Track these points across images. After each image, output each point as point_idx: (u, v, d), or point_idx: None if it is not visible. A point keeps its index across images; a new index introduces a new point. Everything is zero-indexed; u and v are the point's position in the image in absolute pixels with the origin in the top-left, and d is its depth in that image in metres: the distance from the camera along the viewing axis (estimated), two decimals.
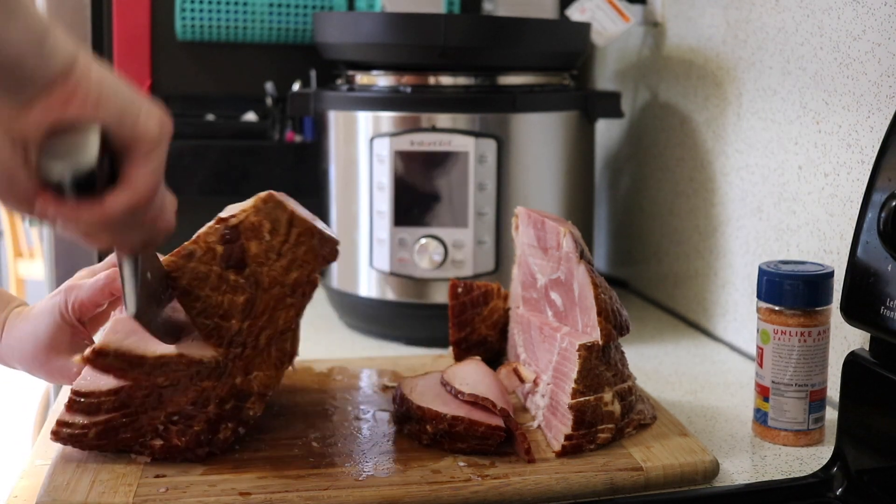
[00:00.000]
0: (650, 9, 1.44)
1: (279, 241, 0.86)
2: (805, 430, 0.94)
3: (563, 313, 0.96)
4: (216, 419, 0.85)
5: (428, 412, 0.88)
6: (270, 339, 0.86)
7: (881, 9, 0.96)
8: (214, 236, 0.85)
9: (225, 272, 0.84)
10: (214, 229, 0.85)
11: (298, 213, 0.87)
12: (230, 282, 0.84)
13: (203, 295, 0.84)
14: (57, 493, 0.78)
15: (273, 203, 0.86)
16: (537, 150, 1.24)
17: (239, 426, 0.87)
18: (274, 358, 0.87)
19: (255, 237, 0.85)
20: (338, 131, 1.28)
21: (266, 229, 0.85)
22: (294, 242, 0.86)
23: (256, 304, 0.85)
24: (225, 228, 0.85)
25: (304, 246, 0.87)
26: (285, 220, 0.86)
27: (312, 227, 0.87)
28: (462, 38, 1.21)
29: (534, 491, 0.82)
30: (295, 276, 0.87)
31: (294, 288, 0.87)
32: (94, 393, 0.83)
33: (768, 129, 1.16)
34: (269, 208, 0.86)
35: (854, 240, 0.86)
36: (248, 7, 1.46)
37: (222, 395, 0.85)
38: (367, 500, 0.80)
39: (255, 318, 0.85)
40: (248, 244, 0.85)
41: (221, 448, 0.86)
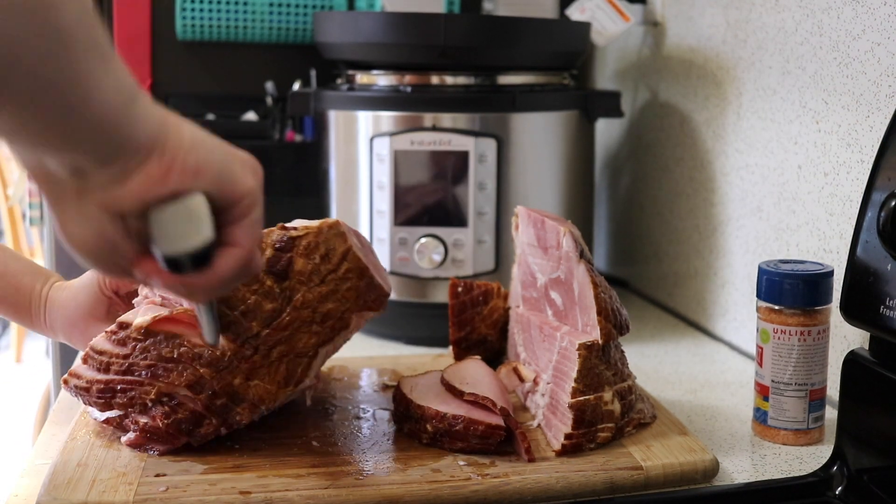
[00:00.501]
0: (650, 9, 1.44)
1: (326, 269, 0.86)
2: (805, 430, 0.94)
3: (563, 312, 0.96)
4: (202, 411, 0.85)
5: (428, 411, 0.88)
6: (283, 356, 0.86)
7: (881, 8, 0.96)
8: (269, 238, 0.86)
9: (264, 275, 0.85)
10: (272, 232, 0.86)
11: (355, 250, 0.87)
12: (265, 286, 0.85)
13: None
14: (58, 492, 0.78)
15: (336, 231, 0.87)
16: (537, 150, 1.24)
17: (222, 426, 0.87)
18: (280, 376, 0.87)
19: (306, 256, 0.85)
20: (338, 131, 1.28)
21: (319, 253, 0.86)
22: (341, 276, 0.87)
23: (281, 318, 0.85)
24: (282, 236, 0.86)
25: (349, 283, 0.87)
26: (340, 252, 0.86)
27: (364, 268, 0.87)
28: (462, 38, 1.21)
29: (533, 490, 0.82)
30: (329, 308, 0.87)
31: (325, 318, 0.87)
32: (106, 352, 0.87)
33: (768, 129, 1.16)
34: (329, 234, 0.86)
35: (854, 239, 0.86)
36: (248, 7, 1.46)
37: (216, 388, 0.85)
38: (367, 499, 0.80)
39: (276, 330, 0.85)
40: (296, 259, 0.85)
41: (199, 442, 0.86)
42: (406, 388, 0.94)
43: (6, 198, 3.74)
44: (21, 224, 3.76)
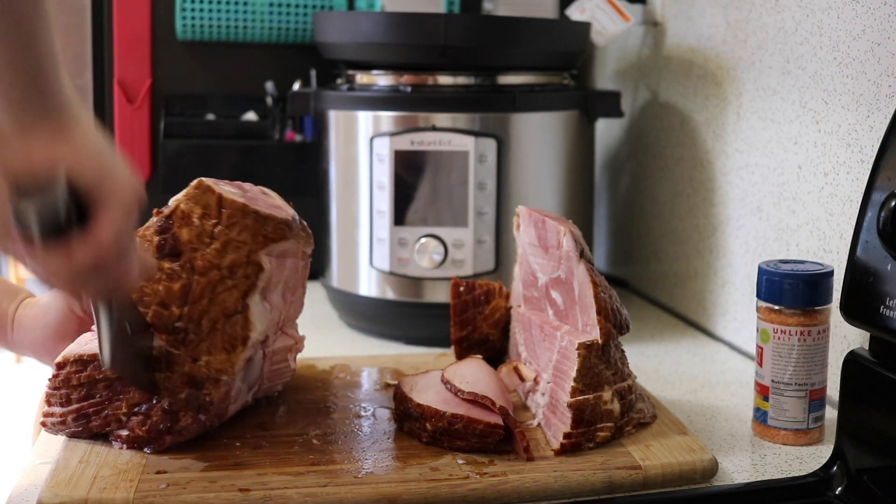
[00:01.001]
0: (650, 8, 1.44)
1: (211, 225, 0.87)
2: (805, 430, 0.94)
3: (564, 312, 0.96)
4: (172, 409, 0.86)
5: (427, 410, 0.88)
6: (214, 322, 0.86)
7: (881, 8, 0.96)
8: (152, 228, 0.87)
9: (160, 262, 0.86)
10: (153, 221, 0.88)
11: (227, 195, 0.88)
12: (164, 270, 0.86)
13: (138, 286, 0.85)
14: (59, 489, 0.78)
15: (203, 188, 0.88)
16: (537, 150, 1.24)
17: (199, 413, 0.87)
18: (223, 342, 0.87)
19: (186, 224, 0.87)
20: (338, 131, 1.28)
21: (196, 215, 0.87)
22: (226, 224, 0.87)
23: (193, 290, 0.86)
24: (160, 220, 0.87)
25: (238, 227, 0.87)
26: (214, 204, 0.87)
27: (244, 206, 0.88)
28: (462, 38, 1.21)
29: (532, 489, 0.82)
30: (231, 258, 0.87)
31: (232, 270, 0.87)
32: (59, 389, 0.88)
33: (768, 129, 1.16)
34: (198, 194, 0.87)
35: (854, 239, 0.86)
36: (248, 7, 1.46)
37: (173, 385, 0.85)
38: (366, 498, 0.80)
39: (194, 303, 0.86)
40: (179, 232, 0.87)
41: (188, 436, 0.87)
42: (406, 386, 0.94)
43: None
44: None
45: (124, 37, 1.48)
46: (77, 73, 1.48)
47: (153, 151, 1.50)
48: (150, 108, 1.50)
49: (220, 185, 0.89)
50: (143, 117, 1.49)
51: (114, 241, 0.68)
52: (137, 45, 1.48)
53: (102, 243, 0.67)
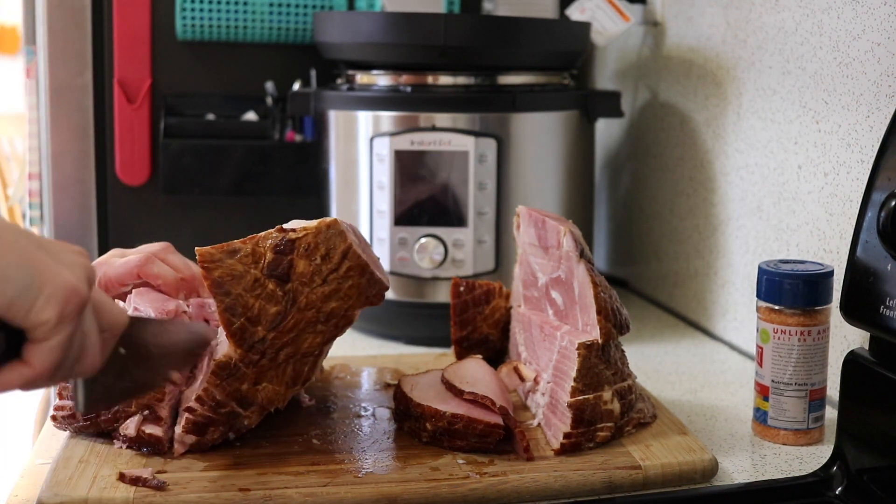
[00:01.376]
0: (650, 8, 1.44)
1: (328, 269, 0.86)
2: (805, 430, 0.94)
3: (564, 312, 0.96)
4: (202, 420, 0.85)
5: (427, 410, 0.88)
6: (290, 357, 0.87)
7: (881, 8, 0.96)
8: (268, 242, 0.85)
9: (266, 279, 0.84)
10: (271, 236, 0.86)
11: (355, 247, 0.87)
12: (267, 289, 0.84)
13: (234, 293, 0.84)
14: (59, 489, 0.78)
15: (335, 231, 0.86)
16: (537, 150, 1.24)
17: (230, 431, 0.87)
18: (288, 377, 0.87)
19: (307, 257, 0.85)
20: (338, 131, 1.28)
21: (320, 253, 0.85)
22: (342, 275, 0.86)
23: (287, 320, 0.85)
24: (281, 239, 0.85)
25: (351, 281, 0.87)
26: (340, 251, 0.86)
27: (365, 265, 0.88)
28: (462, 38, 1.21)
29: (532, 489, 0.82)
30: (333, 307, 0.87)
31: (329, 317, 0.87)
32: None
33: (768, 129, 1.16)
34: (329, 234, 0.86)
35: (854, 239, 0.86)
36: (248, 7, 1.46)
37: (221, 397, 0.85)
38: (366, 497, 0.80)
39: (282, 333, 0.85)
40: (297, 261, 0.85)
41: (203, 448, 0.86)
42: (406, 386, 0.94)
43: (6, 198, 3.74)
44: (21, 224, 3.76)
45: (124, 37, 1.47)
46: (77, 73, 1.48)
47: (153, 151, 1.50)
48: (150, 108, 1.49)
49: (349, 234, 0.88)
50: (143, 117, 1.49)
51: (47, 364, 0.63)
52: (137, 45, 1.48)
53: (35, 368, 0.63)
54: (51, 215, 1.51)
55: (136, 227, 1.52)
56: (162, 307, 0.90)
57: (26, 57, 1.57)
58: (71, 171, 1.49)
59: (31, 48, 1.56)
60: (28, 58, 1.57)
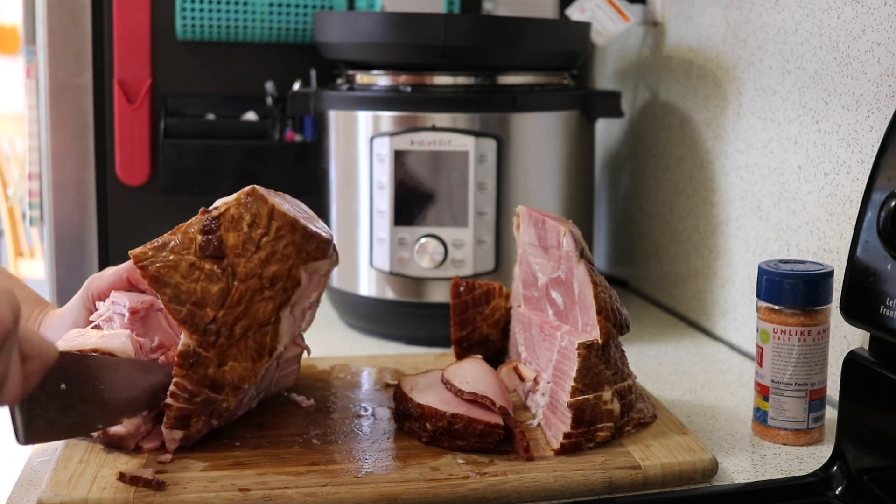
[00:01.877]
0: (650, 8, 1.44)
1: (258, 234, 0.87)
2: (805, 430, 0.94)
3: (564, 312, 0.96)
4: (183, 414, 0.85)
5: (427, 410, 0.88)
6: (247, 330, 0.87)
7: (881, 8, 0.96)
8: (196, 226, 0.87)
9: (201, 261, 0.86)
10: (198, 220, 0.87)
11: (280, 207, 0.88)
12: (205, 270, 0.86)
13: (173, 282, 0.85)
14: (59, 489, 0.78)
15: (255, 196, 0.88)
16: (537, 150, 1.24)
17: (212, 417, 0.87)
18: (251, 350, 0.87)
19: (235, 229, 0.87)
20: (338, 131, 1.28)
21: (246, 222, 0.87)
22: (274, 236, 0.87)
23: (232, 294, 0.86)
24: (207, 219, 0.87)
25: (285, 240, 0.87)
26: (266, 214, 0.87)
27: (294, 221, 0.88)
28: (462, 38, 1.21)
29: (532, 489, 0.82)
30: (274, 270, 0.87)
31: (273, 281, 0.87)
32: None
33: (768, 129, 1.16)
34: (250, 201, 0.88)
35: (854, 239, 0.86)
36: (248, 7, 1.46)
37: (191, 387, 0.85)
38: (366, 497, 0.80)
39: (231, 308, 0.86)
40: (226, 235, 0.87)
41: (193, 440, 0.87)
42: (406, 386, 0.94)
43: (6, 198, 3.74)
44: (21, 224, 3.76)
45: (124, 37, 1.47)
46: (77, 73, 1.48)
47: (153, 151, 1.50)
48: (150, 108, 1.50)
49: (271, 196, 0.89)
50: (143, 117, 1.49)
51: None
52: (137, 45, 1.48)
53: None
54: (51, 215, 1.51)
55: (136, 227, 1.52)
56: (138, 300, 0.91)
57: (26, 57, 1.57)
58: (71, 171, 1.49)
59: (31, 48, 1.56)
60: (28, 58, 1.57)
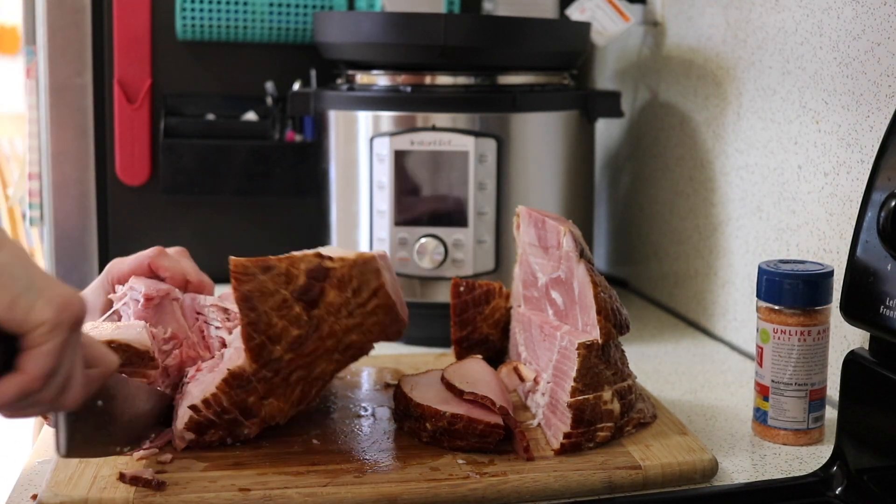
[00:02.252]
0: (650, 9, 1.44)
1: (356, 303, 0.86)
2: (805, 430, 0.94)
3: (564, 312, 0.96)
4: (208, 424, 0.86)
5: (427, 410, 0.88)
6: (301, 379, 0.87)
7: (881, 8, 0.96)
8: (305, 265, 0.85)
9: (294, 301, 0.84)
10: (308, 260, 0.85)
11: (387, 287, 0.88)
12: (293, 312, 0.84)
13: (261, 309, 0.84)
14: (59, 489, 0.78)
15: (371, 267, 0.86)
16: (537, 150, 1.24)
17: (228, 436, 0.87)
18: (295, 396, 0.88)
19: (339, 288, 0.85)
20: (338, 131, 1.28)
21: (352, 287, 0.85)
22: (369, 311, 0.87)
23: (306, 344, 0.85)
24: (317, 265, 0.85)
25: (375, 318, 0.87)
26: (372, 288, 0.87)
27: (392, 305, 0.88)
28: (462, 38, 1.21)
29: (532, 489, 0.82)
30: (353, 339, 0.87)
31: (347, 348, 0.88)
32: None
33: (768, 129, 1.16)
34: (365, 270, 0.86)
35: (854, 239, 0.86)
36: (248, 7, 1.46)
37: (227, 403, 0.85)
38: (366, 497, 0.80)
39: (299, 356, 0.85)
40: (328, 290, 0.85)
41: (201, 448, 0.87)
42: (406, 386, 0.94)
43: (6, 198, 3.73)
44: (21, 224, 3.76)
45: (124, 37, 1.48)
46: (77, 73, 1.48)
47: (153, 151, 1.50)
48: (150, 108, 1.50)
49: (384, 273, 0.88)
50: (143, 117, 1.49)
51: (42, 372, 0.65)
52: (137, 45, 1.48)
53: (28, 376, 0.65)
54: (51, 215, 1.51)
55: (136, 227, 1.52)
56: (154, 288, 0.92)
57: (26, 57, 1.57)
58: (71, 171, 1.49)
59: (31, 48, 1.56)
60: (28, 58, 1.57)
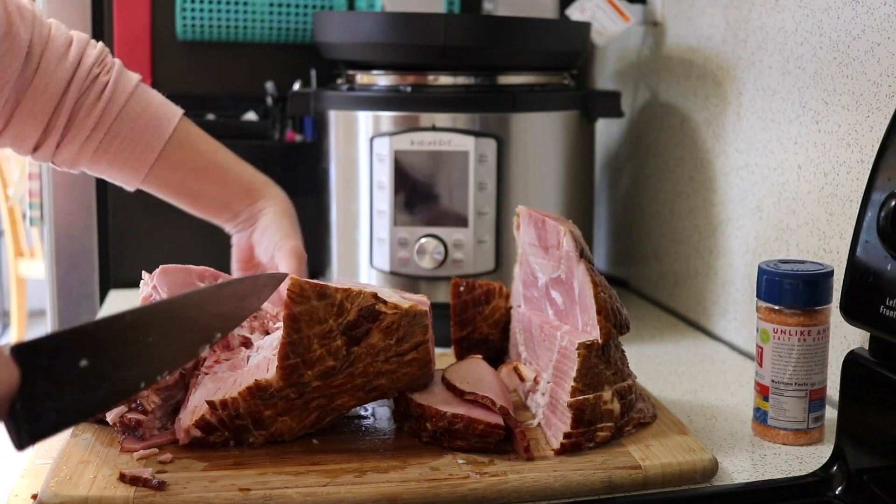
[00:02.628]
0: (650, 9, 1.44)
1: (395, 352, 0.87)
2: (805, 430, 0.94)
3: (564, 312, 0.96)
4: (217, 425, 0.86)
5: (428, 410, 0.88)
6: (320, 407, 0.88)
7: (881, 8, 0.96)
8: (358, 302, 0.85)
9: (338, 333, 0.85)
10: (364, 298, 0.85)
11: (429, 344, 0.89)
12: (334, 343, 0.85)
13: (304, 333, 0.84)
14: (59, 488, 0.78)
15: (420, 323, 0.87)
16: (537, 150, 1.24)
17: (232, 440, 0.88)
18: (309, 421, 0.88)
19: (384, 333, 0.86)
20: (338, 131, 1.28)
21: (396, 335, 0.87)
22: (405, 362, 0.88)
23: (336, 377, 0.86)
24: (371, 305, 0.86)
25: (409, 368, 0.89)
26: (415, 342, 0.88)
27: (428, 361, 0.90)
28: (462, 38, 1.21)
29: (532, 489, 0.82)
30: (381, 384, 0.89)
31: (373, 389, 0.89)
32: None
33: (768, 129, 1.16)
34: (414, 322, 0.87)
35: (854, 239, 0.86)
36: (248, 7, 1.46)
37: (243, 410, 0.86)
38: (366, 497, 0.80)
39: (326, 386, 0.86)
40: (374, 332, 0.86)
41: (203, 447, 0.87)
42: None
43: (6, 198, 3.74)
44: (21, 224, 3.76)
45: (124, 37, 1.47)
46: None
47: None
48: None
49: (430, 330, 0.89)
50: None
51: None
52: (137, 45, 1.48)
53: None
54: (51, 215, 1.50)
55: (136, 228, 1.52)
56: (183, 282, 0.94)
57: None
58: None
59: None
60: None
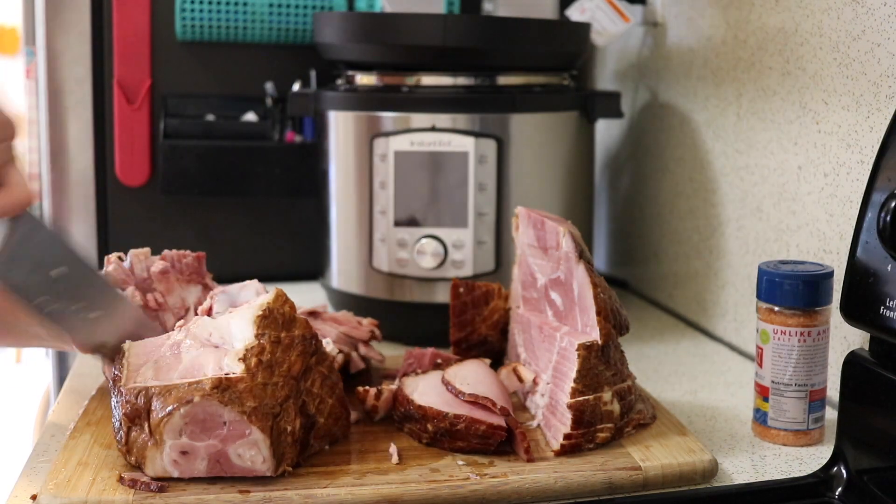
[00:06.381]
0: (650, 9, 1.44)
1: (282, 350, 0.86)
2: (805, 430, 0.94)
3: (563, 313, 0.96)
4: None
5: (429, 411, 0.88)
6: (288, 392, 0.86)
7: (881, 9, 0.96)
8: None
9: (308, 358, 0.87)
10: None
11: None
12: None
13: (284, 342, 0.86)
14: (58, 490, 0.78)
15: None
16: (537, 150, 1.24)
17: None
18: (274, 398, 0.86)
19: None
20: (338, 131, 1.28)
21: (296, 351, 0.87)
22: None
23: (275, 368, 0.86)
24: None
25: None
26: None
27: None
28: (462, 39, 1.21)
29: (532, 490, 0.82)
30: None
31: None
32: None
33: (768, 130, 1.16)
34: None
35: (854, 240, 0.86)
36: (248, 7, 1.46)
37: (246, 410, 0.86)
38: (366, 498, 0.80)
39: (266, 373, 0.84)
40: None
41: None
42: (407, 388, 0.94)
43: None
44: None
45: (124, 37, 1.47)
46: (77, 74, 1.48)
47: (153, 152, 1.50)
48: (150, 108, 1.50)
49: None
50: (142, 117, 1.49)
51: None
52: (137, 45, 1.48)
53: None
54: (51, 215, 1.51)
55: (136, 228, 1.52)
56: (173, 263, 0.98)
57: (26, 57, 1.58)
58: (70, 171, 1.49)
59: (31, 48, 1.56)
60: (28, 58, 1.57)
